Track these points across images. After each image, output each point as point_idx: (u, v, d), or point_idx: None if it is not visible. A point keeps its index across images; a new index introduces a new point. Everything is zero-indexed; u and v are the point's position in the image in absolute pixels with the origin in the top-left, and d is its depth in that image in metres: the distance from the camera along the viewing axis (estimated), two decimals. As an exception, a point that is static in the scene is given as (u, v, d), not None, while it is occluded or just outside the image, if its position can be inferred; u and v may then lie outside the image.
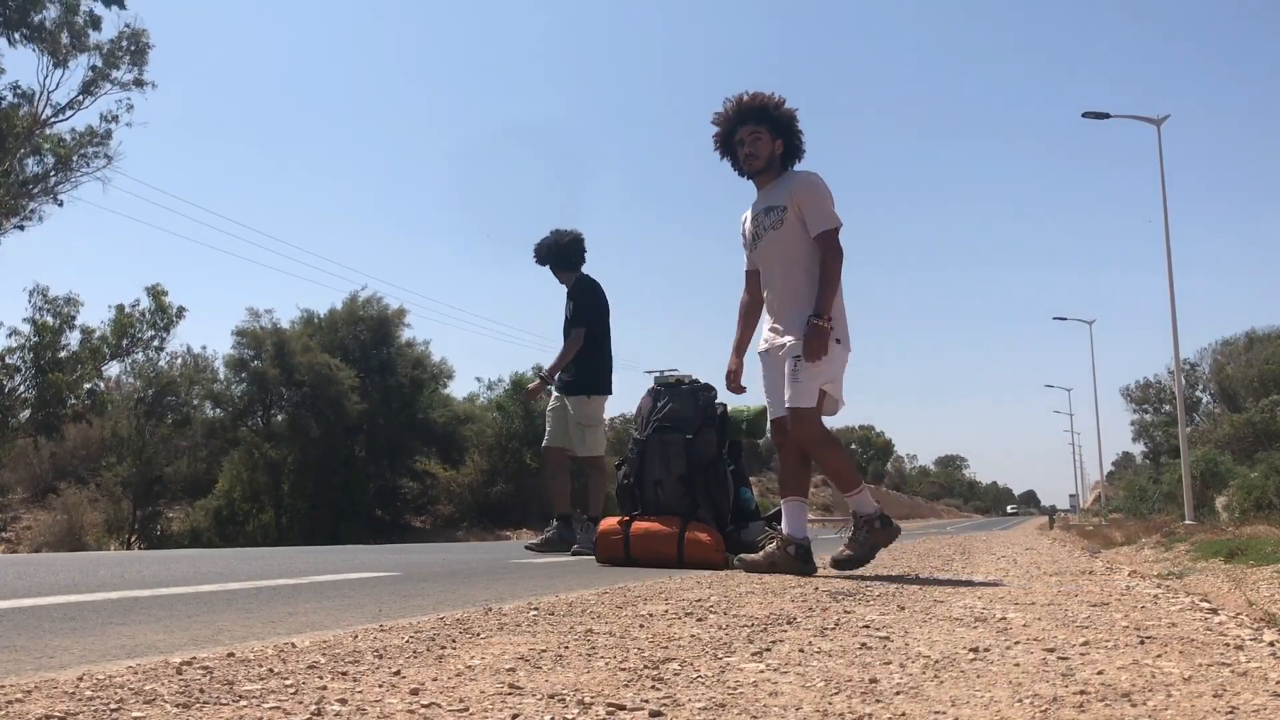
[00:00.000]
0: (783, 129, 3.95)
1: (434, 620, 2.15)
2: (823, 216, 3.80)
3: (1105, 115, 19.40)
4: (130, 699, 1.25)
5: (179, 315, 23.91)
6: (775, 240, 3.87)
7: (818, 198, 3.83)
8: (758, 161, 3.93)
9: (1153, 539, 9.25)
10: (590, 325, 5.96)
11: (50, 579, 3.67)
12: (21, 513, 24.40)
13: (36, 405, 21.26)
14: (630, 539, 4.56)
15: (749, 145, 3.93)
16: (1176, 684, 1.39)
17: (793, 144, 3.97)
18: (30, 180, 20.69)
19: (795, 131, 3.98)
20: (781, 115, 3.94)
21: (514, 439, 31.59)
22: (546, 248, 6.07)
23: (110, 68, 20.99)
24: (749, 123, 3.93)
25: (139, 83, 21.28)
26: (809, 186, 3.85)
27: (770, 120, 3.93)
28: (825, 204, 3.84)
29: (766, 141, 3.93)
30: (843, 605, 2.49)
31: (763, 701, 1.30)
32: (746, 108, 3.94)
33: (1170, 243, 18.33)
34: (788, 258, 3.85)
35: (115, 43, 21.02)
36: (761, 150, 3.92)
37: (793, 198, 3.84)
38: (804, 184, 3.86)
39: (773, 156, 3.94)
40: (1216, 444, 29.48)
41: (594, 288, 6.05)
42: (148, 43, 21.34)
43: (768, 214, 3.91)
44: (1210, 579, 4.26)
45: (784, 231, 3.85)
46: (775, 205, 3.88)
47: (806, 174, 3.92)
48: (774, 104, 3.95)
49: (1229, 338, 40.19)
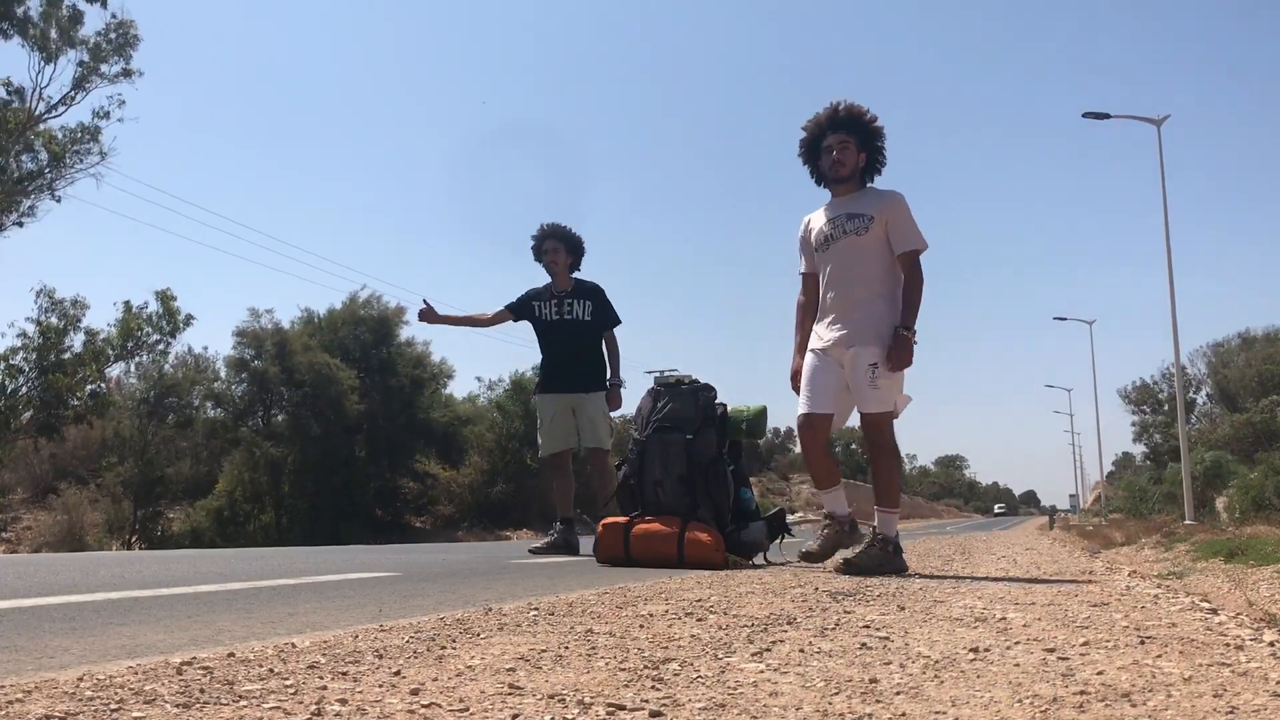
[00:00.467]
0: (869, 143, 4.08)
1: (434, 620, 2.15)
2: (913, 236, 3.97)
3: (1105, 115, 19.41)
4: (130, 699, 1.25)
5: (186, 323, 23.90)
6: (855, 245, 3.99)
7: (909, 217, 3.99)
8: (844, 169, 4.05)
9: (1153, 539, 9.25)
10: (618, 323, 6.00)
11: (50, 579, 3.67)
12: (22, 513, 24.42)
13: (38, 406, 21.27)
14: (630, 539, 4.56)
15: (838, 152, 4.04)
16: (1176, 684, 1.39)
17: (875, 159, 4.12)
18: (25, 177, 20.69)
19: (880, 147, 4.12)
20: (872, 129, 4.09)
21: (514, 439, 31.60)
22: (568, 233, 5.98)
23: (98, 61, 21.00)
24: (840, 131, 4.05)
25: (127, 73, 21.29)
26: (901, 204, 4.00)
27: (861, 131, 4.07)
28: (915, 225, 4.00)
29: (854, 151, 4.05)
30: (843, 605, 2.49)
31: (763, 701, 1.30)
32: (841, 116, 4.07)
33: (1170, 243, 18.35)
34: (865, 265, 3.97)
35: (102, 35, 21.03)
36: (848, 159, 4.04)
37: (883, 211, 3.98)
38: (896, 201, 4.01)
39: (856, 167, 4.07)
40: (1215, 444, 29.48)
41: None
42: (136, 34, 21.35)
43: (850, 219, 4.01)
44: (1210, 579, 4.26)
45: (866, 240, 3.97)
46: (861, 214, 4.00)
47: (894, 192, 4.06)
48: (867, 117, 4.08)
49: (1221, 339, 40.29)
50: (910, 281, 3.95)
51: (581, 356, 5.89)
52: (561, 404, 5.87)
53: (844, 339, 3.94)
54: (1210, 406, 39.63)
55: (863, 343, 3.90)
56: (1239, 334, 39.26)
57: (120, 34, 21.10)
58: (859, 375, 3.89)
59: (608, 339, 5.97)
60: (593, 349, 5.93)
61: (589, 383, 5.88)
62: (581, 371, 5.88)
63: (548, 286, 5.96)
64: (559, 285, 5.94)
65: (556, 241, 5.92)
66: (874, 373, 3.86)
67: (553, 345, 5.94)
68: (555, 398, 5.88)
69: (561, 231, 5.97)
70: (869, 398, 3.89)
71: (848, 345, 3.93)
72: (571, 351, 5.89)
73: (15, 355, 21.13)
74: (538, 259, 5.99)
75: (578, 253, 6.00)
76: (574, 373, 5.88)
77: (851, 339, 3.93)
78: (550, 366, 5.95)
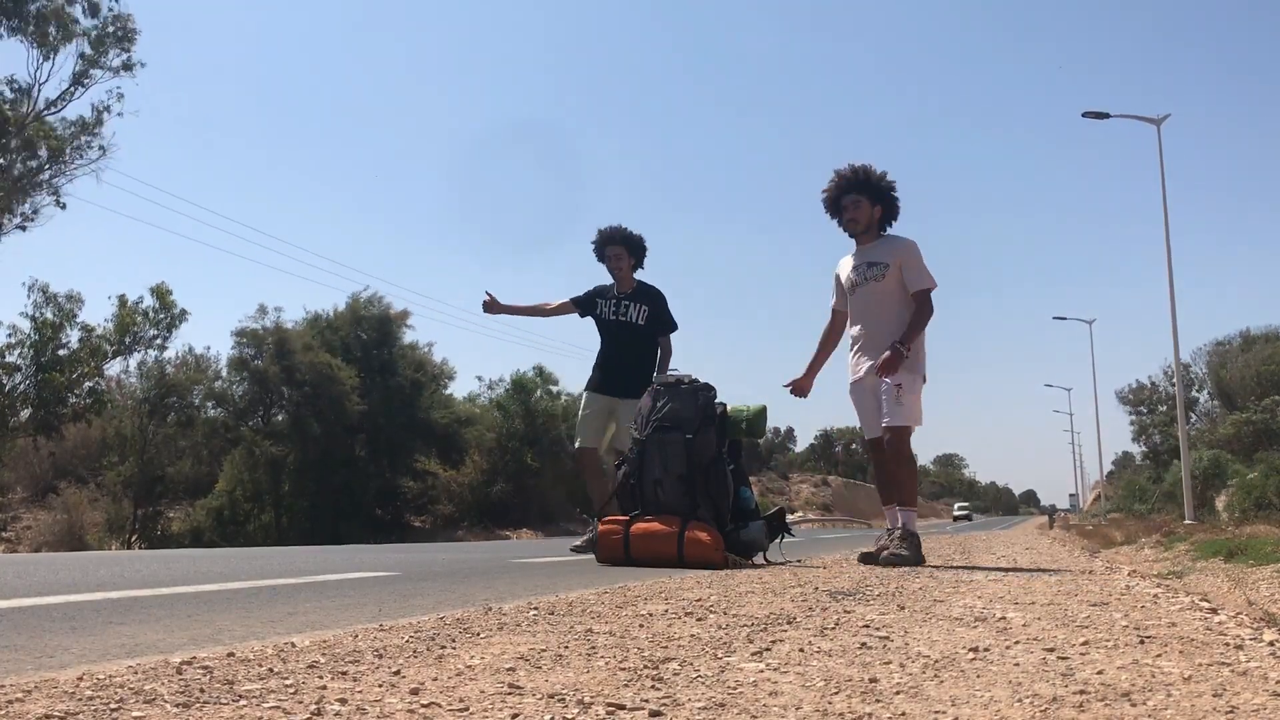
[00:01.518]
0: (881, 196, 4.67)
1: (434, 620, 2.15)
2: (923, 277, 4.58)
3: (1105, 115, 19.40)
4: (130, 699, 1.25)
5: (182, 317, 23.91)
6: (875, 291, 4.63)
7: (919, 261, 4.59)
8: (858, 225, 4.68)
9: (1153, 539, 9.25)
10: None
11: (50, 578, 3.67)
12: (21, 512, 24.39)
13: (36, 404, 21.24)
14: (630, 539, 4.56)
15: (850, 211, 4.66)
16: (1176, 684, 1.39)
17: (890, 208, 4.70)
18: (25, 174, 20.68)
19: (892, 199, 4.69)
20: (880, 185, 4.67)
21: (514, 439, 31.61)
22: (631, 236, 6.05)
23: (99, 53, 21.00)
24: (851, 192, 4.66)
25: (128, 66, 21.30)
26: (912, 251, 4.61)
27: (870, 190, 4.66)
28: (924, 267, 4.60)
29: (866, 208, 4.66)
30: (843, 605, 2.49)
31: (763, 701, 1.30)
32: (849, 179, 4.67)
33: (1170, 242, 18.34)
34: (885, 306, 4.61)
35: (101, 28, 21.04)
36: (861, 216, 4.67)
37: (896, 258, 4.59)
38: (908, 248, 4.62)
39: (871, 220, 4.68)
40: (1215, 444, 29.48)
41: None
42: (134, 27, 21.35)
43: (870, 268, 4.64)
44: (1210, 579, 4.26)
45: (885, 284, 4.60)
46: (879, 262, 4.63)
47: (907, 240, 4.66)
48: (874, 176, 4.66)
49: (1221, 339, 40.26)
50: (918, 310, 4.56)
51: (630, 361, 5.95)
52: (602, 404, 5.97)
53: (873, 368, 4.57)
54: (1210, 406, 39.62)
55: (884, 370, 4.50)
56: (1239, 333, 39.28)
57: (119, 26, 21.12)
58: (883, 394, 4.51)
59: (662, 343, 6.05)
60: (643, 354, 5.99)
61: (630, 388, 5.87)
62: (626, 376, 5.92)
63: (611, 286, 6.08)
64: (621, 287, 6.05)
65: (619, 245, 6.00)
66: (899, 391, 4.45)
67: (607, 345, 6.06)
68: (598, 396, 5.97)
69: (624, 234, 6.05)
70: (894, 412, 4.49)
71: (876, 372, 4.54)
72: (621, 355, 5.98)
73: (11, 352, 21.10)
74: (601, 261, 6.07)
75: (640, 255, 6.08)
76: (619, 376, 5.95)
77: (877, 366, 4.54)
78: (601, 366, 6.05)
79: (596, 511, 5.90)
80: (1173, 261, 18.36)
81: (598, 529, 4.79)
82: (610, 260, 6.00)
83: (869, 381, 4.61)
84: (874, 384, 4.57)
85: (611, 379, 5.95)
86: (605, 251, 6.01)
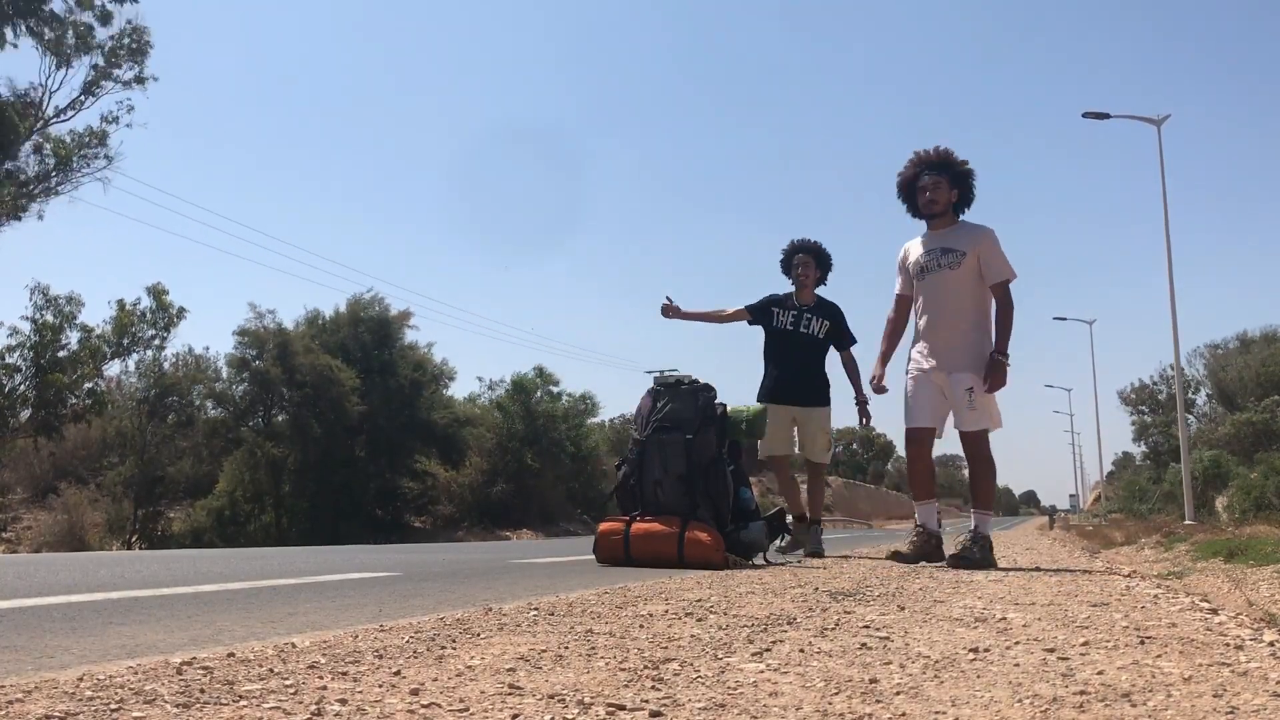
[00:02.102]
0: (960, 180, 4.52)
1: (434, 620, 2.15)
2: (1003, 268, 4.41)
3: (1105, 115, 19.38)
4: (130, 699, 1.25)
5: (179, 316, 23.91)
6: (949, 278, 4.43)
7: (999, 251, 4.42)
8: (937, 206, 4.51)
9: (1153, 539, 9.24)
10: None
11: (50, 579, 3.67)
12: (22, 513, 24.38)
13: (36, 405, 21.25)
14: (630, 539, 4.56)
15: (931, 191, 4.50)
16: (1176, 684, 1.39)
17: (966, 195, 4.56)
18: (31, 180, 20.69)
19: (970, 185, 4.56)
20: (962, 169, 4.53)
21: (515, 439, 31.59)
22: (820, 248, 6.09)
23: (112, 66, 21.01)
24: (933, 171, 4.50)
25: (139, 80, 21.32)
26: (992, 239, 4.43)
27: (952, 172, 4.51)
28: (1004, 257, 4.41)
29: (945, 189, 4.50)
30: (843, 605, 2.49)
31: (763, 702, 1.30)
32: (933, 158, 4.53)
33: (1170, 243, 18.33)
34: (959, 296, 4.42)
35: (116, 40, 21.05)
36: (941, 197, 4.50)
37: (975, 246, 4.41)
38: (987, 236, 4.44)
39: (949, 203, 4.52)
40: (1214, 444, 29.48)
41: None
42: (149, 41, 21.38)
43: (945, 254, 4.45)
44: (1210, 579, 4.26)
45: (960, 273, 4.41)
46: (955, 249, 4.44)
47: (986, 227, 4.47)
48: (957, 160, 4.53)
49: (1217, 340, 40.31)
50: (1003, 309, 4.39)
51: (808, 371, 5.99)
52: (785, 412, 5.96)
53: (943, 364, 4.40)
54: (1210, 407, 39.62)
55: (960, 368, 4.36)
56: (1236, 335, 39.31)
57: (134, 39, 21.13)
58: (958, 397, 4.36)
59: (846, 358, 6.09)
60: (819, 365, 6.04)
61: (813, 397, 5.99)
62: (807, 385, 5.98)
63: (789, 296, 6.06)
64: (802, 298, 6.03)
65: (808, 255, 6.02)
66: (971, 395, 4.32)
67: (781, 355, 6.03)
68: (777, 407, 5.94)
69: (813, 246, 6.08)
70: (967, 418, 4.36)
71: (947, 370, 4.39)
72: (799, 365, 5.98)
73: (12, 354, 21.11)
74: (786, 272, 6.09)
75: (826, 268, 6.10)
76: (800, 386, 5.98)
77: (950, 364, 4.38)
78: (777, 376, 6.03)
79: (795, 515, 5.96)
80: (1173, 262, 18.36)
81: (597, 531, 4.79)
82: (798, 269, 6.00)
83: (939, 378, 4.43)
84: (944, 381, 4.41)
85: (788, 388, 5.97)
86: (794, 260, 6.03)
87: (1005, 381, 4.32)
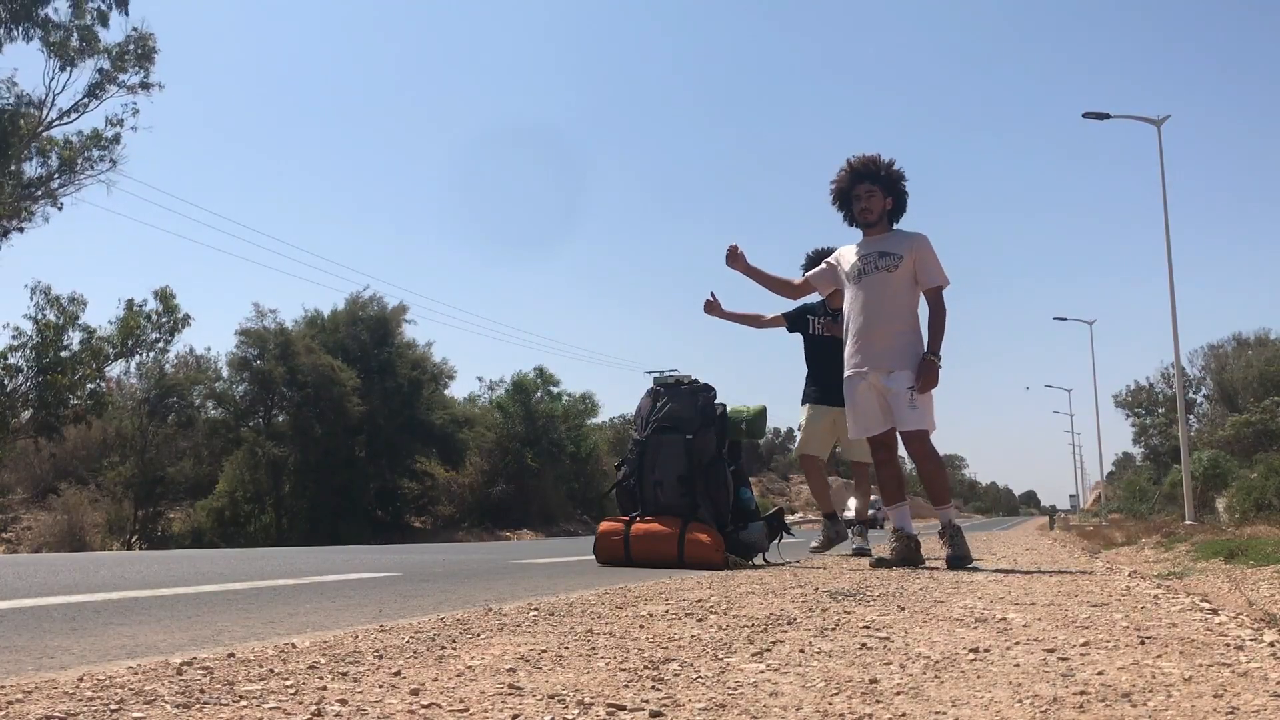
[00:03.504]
0: (892, 188, 4.58)
1: (434, 620, 2.15)
2: (937, 274, 4.49)
3: (1105, 115, 19.38)
4: (130, 699, 1.25)
5: (184, 322, 23.94)
6: (886, 280, 4.49)
7: (933, 256, 4.51)
8: (871, 215, 4.57)
9: (1153, 539, 9.25)
10: None
11: (50, 579, 3.67)
12: (22, 513, 24.39)
13: (38, 405, 21.26)
14: (630, 539, 4.56)
15: (864, 201, 4.56)
16: (1177, 684, 1.39)
17: (900, 201, 4.61)
18: (34, 182, 20.70)
19: (902, 191, 4.61)
20: (892, 176, 4.58)
21: (514, 440, 31.60)
22: None
23: (118, 71, 21.02)
24: (865, 181, 4.56)
25: (145, 85, 21.34)
26: (926, 245, 4.52)
27: (883, 180, 4.57)
28: (939, 263, 4.51)
29: (879, 198, 4.56)
30: (843, 606, 2.49)
31: (763, 702, 1.30)
32: (863, 168, 4.57)
33: (1171, 243, 18.33)
34: (896, 297, 4.49)
35: (123, 46, 21.05)
36: (875, 206, 4.56)
37: (911, 251, 4.49)
38: (922, 243, 4.52)
39: (884, 211, 4.58)
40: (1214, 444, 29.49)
41: None
42: (154, 46, 21.39)
43: (882, 257, 4.52)
44: (1210, 579, 4.25)
45: (896, 276, 4.48)
46: (891, 252, 4.51)
47: (920, 234, 4.56)
48: (886, 167, 4.58)
49: (1215, 342, 40.35)
50: (935, 313, 4.47)
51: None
52: (827, 415, 6.02)
53: (878, 364, 4.46)
54: (1209, 407, 39.64)
55: (899, 367, 4.40)
56: (1232, 336, 39.38)
57: (140, 45, 21.14)
58: (899, 397, 4.38)
59: None
60: None
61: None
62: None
63: (821, 303, 6.11)
64: (834, 303, 6.00)
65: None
66: (911, 395, 4.35)
67: (820, 359, 6.10)
68: (822, 409, 6.03)
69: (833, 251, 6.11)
70: (908, 417, 4.37)
71: (886, 369, 4.42)
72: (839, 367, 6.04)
73: (14, 354, 21.12)
74: None
75: None
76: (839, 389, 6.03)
77: (887, 364, 4.43)
78: (818, 379, 6.10)
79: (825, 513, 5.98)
80: (1173, 262, 18.36)
81: (597, 532, 4.79)
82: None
83: (873, 379, 4.48)
84: (879, 384, 4.46)
85: (832, 391, 5.90)
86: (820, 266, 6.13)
87: (937, 382, 4.41)
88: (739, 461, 4.92)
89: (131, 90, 21.25)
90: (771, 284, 5.12)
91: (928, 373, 4.36)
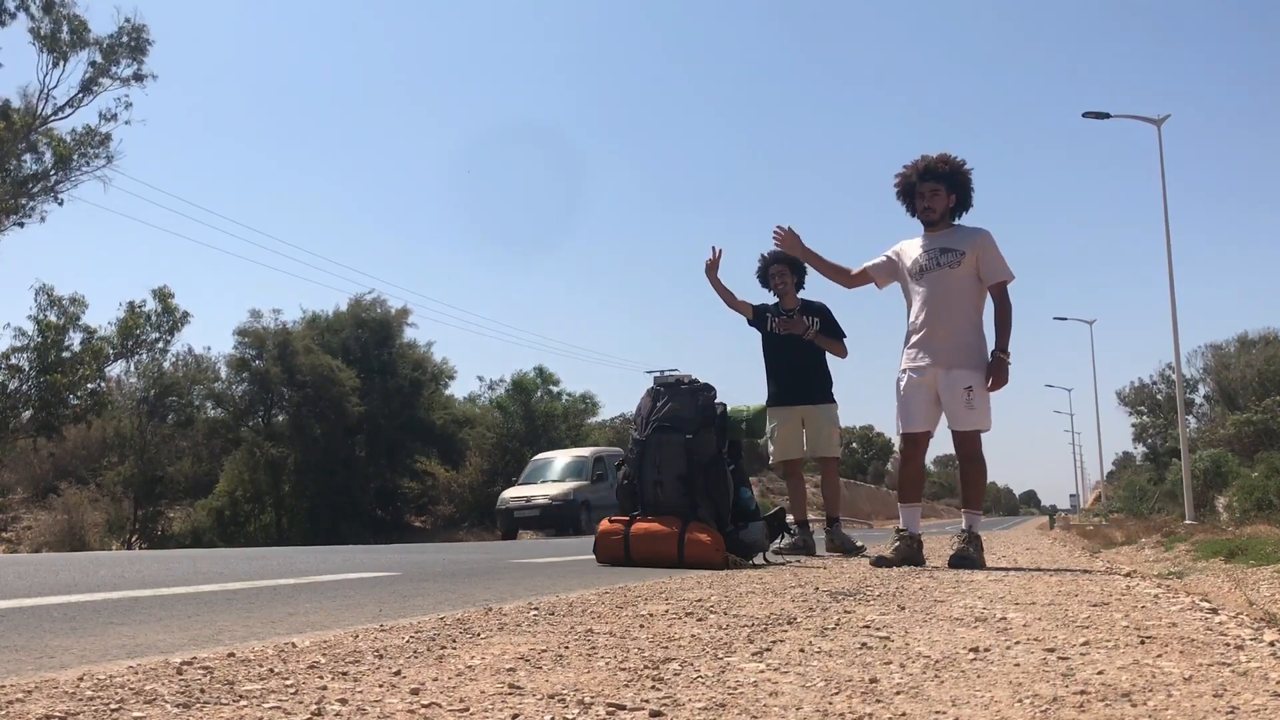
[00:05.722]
0: (958, 186, 4.56)
1: (434, 620, 2.15)
2: (1002, 269, 4.46)
3: (1105, 115, 19.40)
4: (130, 699, 1.25)
5: (183, 321, 23.95)
6: (948, 277, 4.47)
7: (997, 252, 4.48)
8: (934, 214, 4.55)
9: (1153, 539, 9.25)
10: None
11: (50, 579, 3.67)
12: (22, 513, 24.38)
13: (38, 405, 21.26)
14: (630, 539, 4.56)
15: (928, 199, 4.53)
16: (1177, 684, 1.39)
17: (965, 199, 4.59)
18: (30, 179, 20.68)
19: (969, 192, 4.59)
20: (959, 175, 4.56)
21: (515, 439, 31.58)
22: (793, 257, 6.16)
23: (110, 63, 20.99)
24: (930, 179, 4.53)
25: (139, 77, 21.30)
26: (990, 242, 4.48)
27: (949, 179, 4.55)
28: (1003, 259, 4.48)
29: (944, 197, 4.54)
30: (843, 605, 2.49)
31: (763, 701, 1.30)
32: (928, 166, 4.56)
33: (1171, 243, 18.34)
34: (959, 293, 4.46)
35: (115, 38, 21.03)
36: (938, 205, 4.54)
37: (974, 247, 4.46)
38: (985, 239, 4.48)
39: (946, 209, 4.57)
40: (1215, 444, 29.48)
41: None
42: (148, 38, 21.36)
43: (944, 254, 4.49)
44: (1210, 579, 4.26)
45: (959, 273, 4.45)
46: (954, 249, 4.49)
47: (983, 229, 4.53)
48: (954, 164, 4.56)
49: (1217, 341, 40.34)
50: (1001, 309, 4.44)
51: (809, 370, 6.09)
52: (792, 415, 6.08)
53: (940, 360, 4.41)
54: (1210, 407, 39.62)
55: (960, 366, 4.37)
56: (1237, 336, 39.34)
57: (133, 37, 21.12)
58: (955, 396, 4.35)
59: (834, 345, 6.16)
60: (819, 363, 6.13)
61: (817, 395, 6.09)
62: (809, 384, 6.09)
63: (775, 305, 6.19)
64: (786, 304, 6.16)
65: (782, 264, 6.11)
66: (969, 394, 4.33)
67: (779, 359, 6.15)
68: (785, 410, 6.07)
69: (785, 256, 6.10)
70: (965, 417, 4.36)
71: (946, 367, 4.39)
72: (799, 365, 6.08)
73: (15, 354, 21.13)
74: (764, 284, 6.20)
75: (801, 273, 6.19)
76: (803, 385, 6.09)
77: (948, 361, 4.39)
78: (779, 379, 6.14)
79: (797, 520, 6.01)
80: (1173, 262, 18.38)
81: (596, 531, 4.79)
82: (775, 279, 6.12)
83: (931, 376, 4.42)
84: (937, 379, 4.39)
85: (794, 390, 6.08)
86: (769, 270, 6.14)
87: (1008, 379, 4.37)
88: (739, 461, 4.92)
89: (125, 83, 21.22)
90: (828, 270, 5.01)
91: (998, 370, 4.35)
